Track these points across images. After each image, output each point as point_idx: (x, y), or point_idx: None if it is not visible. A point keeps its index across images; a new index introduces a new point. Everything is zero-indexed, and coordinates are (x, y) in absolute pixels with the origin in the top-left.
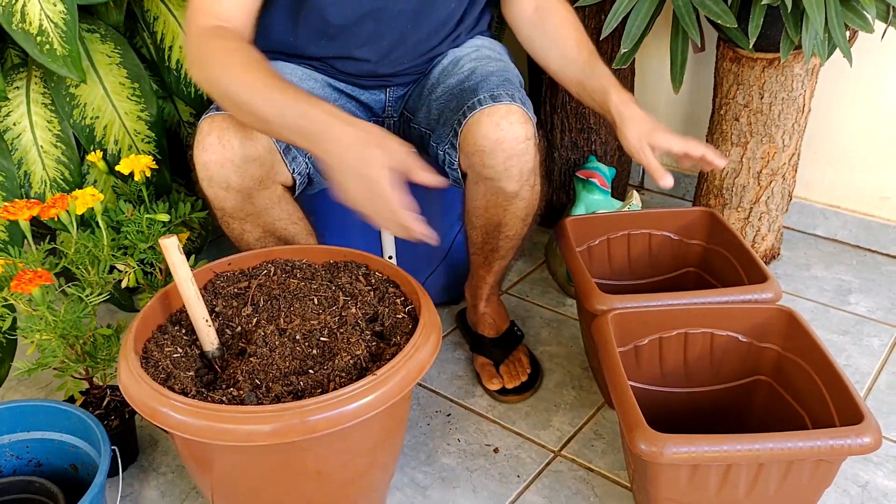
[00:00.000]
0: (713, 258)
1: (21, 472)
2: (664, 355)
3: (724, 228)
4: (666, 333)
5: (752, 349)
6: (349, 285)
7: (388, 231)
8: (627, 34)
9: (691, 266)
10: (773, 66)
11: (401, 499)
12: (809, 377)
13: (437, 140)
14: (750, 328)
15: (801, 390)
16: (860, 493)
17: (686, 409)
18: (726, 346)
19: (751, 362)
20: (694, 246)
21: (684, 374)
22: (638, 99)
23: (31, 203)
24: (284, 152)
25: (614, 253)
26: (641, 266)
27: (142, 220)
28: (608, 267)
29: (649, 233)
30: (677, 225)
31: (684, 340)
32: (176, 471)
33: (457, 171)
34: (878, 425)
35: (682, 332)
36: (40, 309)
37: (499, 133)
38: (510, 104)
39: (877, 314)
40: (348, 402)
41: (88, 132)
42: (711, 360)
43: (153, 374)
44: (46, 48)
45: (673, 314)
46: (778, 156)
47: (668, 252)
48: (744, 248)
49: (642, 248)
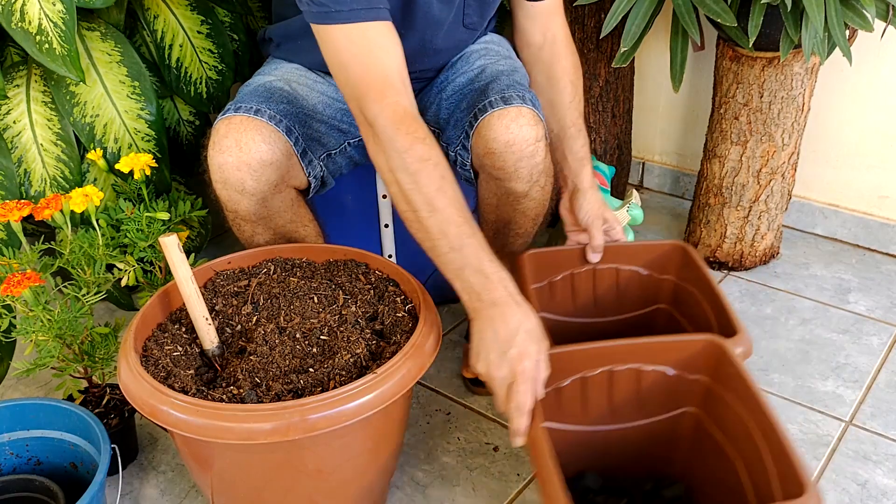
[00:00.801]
0: (684, 296)
1: (21, 470)
2: (588, 394)
3: (695, 265)
4: (589, 373)
5: (680, 381)
6: (349, 284)
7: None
8: (627, 33)
9: (662, 303)
10: (772, 64)
11: (401, 497)
12: (739, 417)
13: (448, 141)
14: (678, 361)
15: (730, 429)
16: (859, 492)
17: (611, 445)
18: (654, 380)
19: (677, 395)
20: (665, 281)
21: (609, 410)
22: (637, 98)
23: (22, 204)
24: (301, 156)
25: (579, 289)
26: (608, 302)
27: (141, 219)
28: (571, 304)
29: (617, 267)
30: (647, 259)
31: (609, 378)
32: (176, 469)
33: (469, 171)
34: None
35: (606, 369)
36: (35, 309)
37: (509, 136)
38: (521, 106)
39: (876, 313)
40: (348, 400)
41: (88, 130)
42: (638, 396)
43: (153, 372)
44: (45, 47)
45: (598, 352)
46: (777, 155)
47: (636, 288)
48: (715, 293)
49: (609, 284)
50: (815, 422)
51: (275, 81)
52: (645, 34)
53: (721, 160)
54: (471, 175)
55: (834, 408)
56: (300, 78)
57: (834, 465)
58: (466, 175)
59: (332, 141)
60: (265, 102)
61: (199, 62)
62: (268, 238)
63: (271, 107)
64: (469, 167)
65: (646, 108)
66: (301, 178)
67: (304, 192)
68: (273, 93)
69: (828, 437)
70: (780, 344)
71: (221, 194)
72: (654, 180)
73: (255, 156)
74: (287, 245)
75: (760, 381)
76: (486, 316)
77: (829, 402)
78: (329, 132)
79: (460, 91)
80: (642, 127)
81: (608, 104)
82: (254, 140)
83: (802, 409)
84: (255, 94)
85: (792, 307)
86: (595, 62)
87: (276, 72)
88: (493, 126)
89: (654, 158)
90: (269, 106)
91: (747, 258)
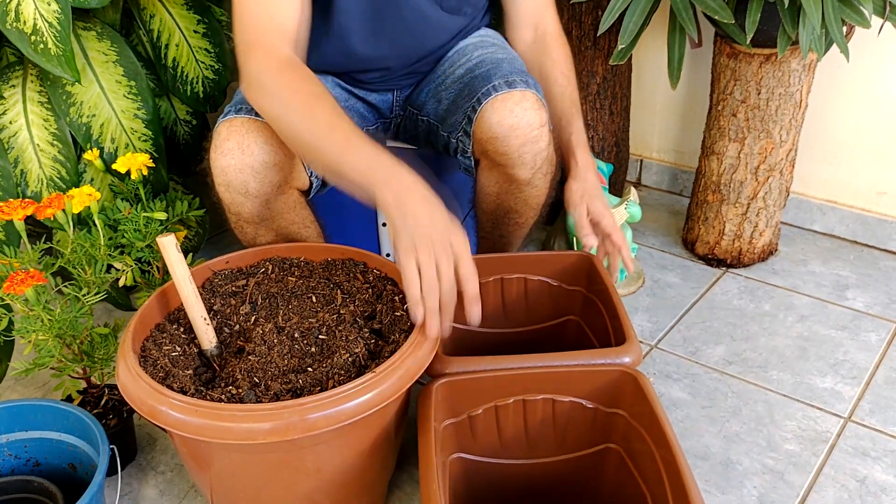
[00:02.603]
0: (592, 308)
1: (19, 471)
2: (501, 424)
3: (599, 277)
4: (501, 401)
5: (599, 415)
6: (347, 283)
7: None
8: (625, 30)
9: (573, 314)
10: (770, 61)
11: (400, 496)
12: (650, 451)
13: (449, 129)
14: (593, 392)
15: (643, 465)
16: (858, 488)
17: (532, 482)
18: (570, 412)
19: (598, 430)
20: (575, 293)
21: (526, 442)
22: (635, 96)
23: (26, 202)
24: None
25: (486, 298)
26: (517, 313)
27: (139, 219)
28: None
29: (525, 277)
30: (555, 269)
31: (523, 408)
32: (175, 469)
33: (469, 160)
34: None
35: (519, 398)
36: (36, 309)
37: (513, 119)
38: (525, 90)
39: (874, 309)
40: (347, 399)
41: (85, 130)
42: (555, 429)
43: (152, 372)
44: (41, 48)
45: (510, 379)
46: (775, 151)
47: (546, 299)
48: (613, 303)
49: (517, 294)
50: (813, 418)
51: None
52: (642, 31)
53: (719, 157)
54: (471, 164)
55: (833, 404)
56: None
57: (833, 462)
58: (466, 164)
59: None
60: None
61: (196, 61)
62: (270, 239)
63: None
64: (470, 154)
65: (643, 105)
66: (303, 179)
67: (305, 192)
68: None
69: (826, 434)
70: (779, 341)
71: (224, 197)
72: (651, 177)
73: (258, 158)
74: (284, 244)
75: (759, 378)
76: (388, 190)
77: (828, 398)
78: None
79: (461, 79)
80: (640, 124)
81: (606, 101)
82: (256, 142)
83: (801, 406)
84: None
85: (790, 304)
86: (592, 59)
87: None
88: (496, 110)
89: (651, 156)
90: None
91: (745, 255)
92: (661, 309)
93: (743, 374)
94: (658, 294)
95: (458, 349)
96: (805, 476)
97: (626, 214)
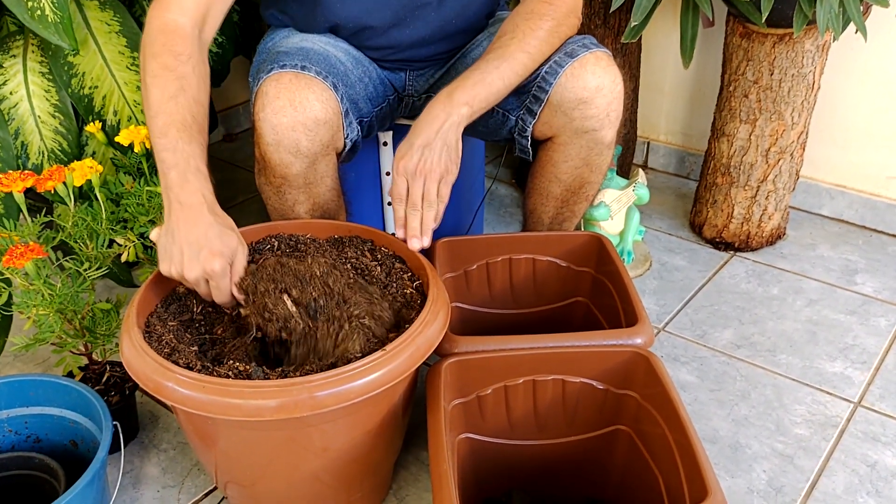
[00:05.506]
0: (601, 289)
1: (20, 447)
2: (511, 405)
3: (609, 258)
4: (511, 381)
5: (610, 396)
6: (356, 260)
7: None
8: (638, 7)
9: (581, 296)
10: (783, 41)
11: (405, 476)
12: (663, 433)
13: (508, 108)
14: (604, 373)
15: (655, 447)
16: (869, 473)
17: (542, 462)
18: (580, 393)
19: (608, 411)
20: (584, 274)
21: (535, 424)
22: (643, 78)
23: (26, 174)
24: (344, 115)
25: (495, 279)
26: (526, 294)
27: (142, 193)
28: (488, 294)
29: (533, 258)
30: (563, 250)
31: (532, 388)
32: (178, 447)
33: (527, 139)
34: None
35: (529, 379)
36: (36, 283)
37: (597, 80)
38: (597, 50)
39: (883, 294)
40: (356, 377)
41: (87, 102)
42: (564, 409)
43: (157, 348)
44: (38, 14)
45: (520, 359)
46: (787, 133)
47: (554, 279)
48: (624, 284)
49: (525, 275)
50: (823, 403)
51: (301, 42)
52: (655, 8)
53: (729, 139)
54: (527, 144)
55: (842, 389)
56: (320, 40)
57: (843, 447)
58: (523, 145)
59: (365, 106)
60: (306, 59)
61: None
62: (307, 208)
63: (315, 62)
64: (528, 133)
65: (651, 87)
66: (340, 141)
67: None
68: (307, 51)
69: (836, 419)
70: (788, 325)
71: (273, 158)
72: (659, 160)
73: (311, 114)
74: (290, 221)
75: (768, 362)
76: (178, 217)
77: (838, 383)
78: (363, 94)
79: None
80: (648, 106)
81: None
82: (307, 98)
83: (810, 391)
84: (291, 53)
85: (799, 288)
86: (602, 38)
87: (293, 37)
88: (577, 75)
89: (659, 138)
90: (312, 62)
91: (754, 239)
92: (669, 292)
93: (751, 357)
94: (665, 277)
95: (466, 329)
96: (815, 460)
97: (634, 197)
